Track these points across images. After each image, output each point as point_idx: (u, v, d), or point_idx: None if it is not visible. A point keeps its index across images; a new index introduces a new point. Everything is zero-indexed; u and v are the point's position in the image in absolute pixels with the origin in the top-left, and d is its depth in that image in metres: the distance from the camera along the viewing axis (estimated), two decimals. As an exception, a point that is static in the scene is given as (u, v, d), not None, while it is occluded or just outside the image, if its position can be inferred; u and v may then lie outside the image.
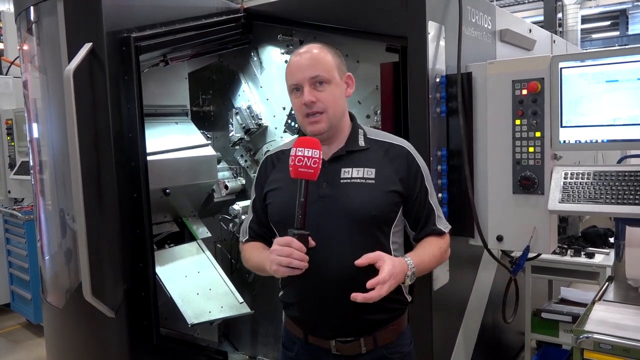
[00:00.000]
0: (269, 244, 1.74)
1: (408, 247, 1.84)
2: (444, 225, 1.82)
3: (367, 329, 1.74)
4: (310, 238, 1.57)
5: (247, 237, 1.91)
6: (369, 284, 1.51)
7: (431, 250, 1.76)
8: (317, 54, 1.72)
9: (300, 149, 1.58)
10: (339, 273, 1.65)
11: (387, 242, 1.74)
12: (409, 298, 1.85)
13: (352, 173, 1.71)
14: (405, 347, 1.84)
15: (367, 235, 1.69)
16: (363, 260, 1.55)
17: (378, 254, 1.58)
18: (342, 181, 1.71)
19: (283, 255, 1.54)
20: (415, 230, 1.82)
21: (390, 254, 1.69)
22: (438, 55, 2.57)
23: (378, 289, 1.51)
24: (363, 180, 1.70)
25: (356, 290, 1.53)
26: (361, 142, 1.77)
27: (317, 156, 1.57)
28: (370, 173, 1.71)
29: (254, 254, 1.83)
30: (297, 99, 1.71)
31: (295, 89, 1.72)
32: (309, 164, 1.57)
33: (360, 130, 1.81)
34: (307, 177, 1.57)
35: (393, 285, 1.56)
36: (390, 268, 1.54)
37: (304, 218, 1.56)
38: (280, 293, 1.86)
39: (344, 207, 1.68)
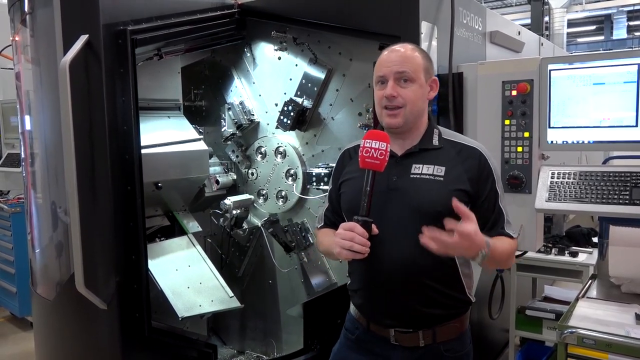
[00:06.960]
0: None
1: None
2: (512, 230, 1.80)
3: (426, 323, 1.77)
4: (374, 226, 1.64)
5: (322, 224, 2.02)
6: (448, 225, 1.52)
7: (504, 246, 1.72)
8: (408, 53, 1.76)
9: (369, 140, 1.66)
10: (398, 264, 1.70)
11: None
12: (473, 298, 1.85)
13: (422, 169, 1.75)
14: (465, 347, 1.85)
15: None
16: (457, 204, 1.54)
17: (470, 213, 1.56)
18: (411, 176, 1.75)
19: (346, 239, 1.62)
20: (483, 232, 1.74)
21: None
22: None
23: (457, 235, 1.50)
24: (432, 177, 1.74)
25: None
26: (435, 141, 1.81)
27: (384, 148, 1.64)
28: (440, 171, 1.74)
29: (325, 238, 1.92)
30: (380, 91, 1.76)
31: (380, 81, 1.76)
32: (375, 155, 1.64)
33: (435, 130, 1.84)
34: (373, 168, 1.65)
35: (462, 247, 1.53)
36: (475, 228, 1.53)
37: (369, 206, 1.64)
38: (348, 282, 1.94)
39: (410, 201, 1.72)
